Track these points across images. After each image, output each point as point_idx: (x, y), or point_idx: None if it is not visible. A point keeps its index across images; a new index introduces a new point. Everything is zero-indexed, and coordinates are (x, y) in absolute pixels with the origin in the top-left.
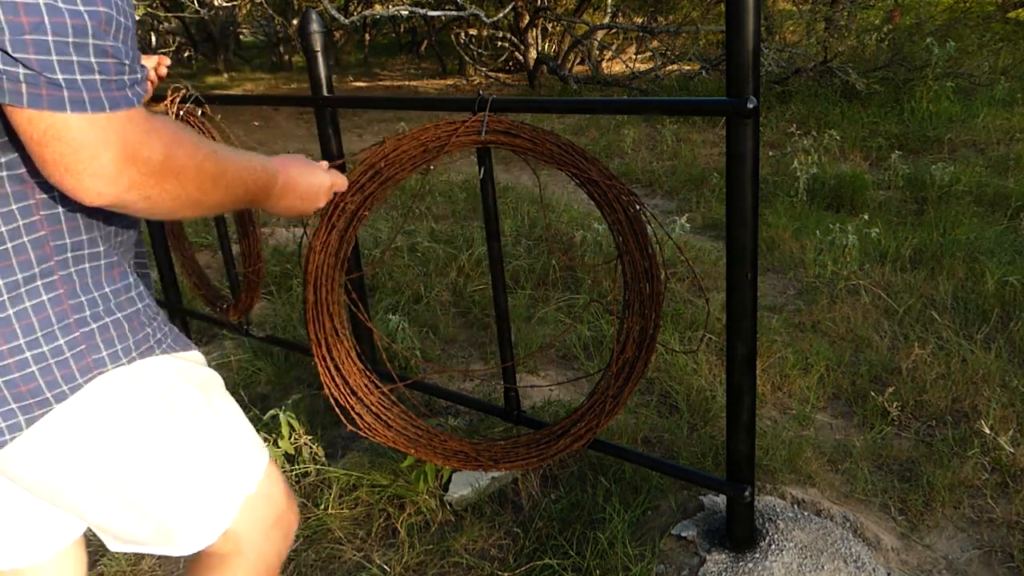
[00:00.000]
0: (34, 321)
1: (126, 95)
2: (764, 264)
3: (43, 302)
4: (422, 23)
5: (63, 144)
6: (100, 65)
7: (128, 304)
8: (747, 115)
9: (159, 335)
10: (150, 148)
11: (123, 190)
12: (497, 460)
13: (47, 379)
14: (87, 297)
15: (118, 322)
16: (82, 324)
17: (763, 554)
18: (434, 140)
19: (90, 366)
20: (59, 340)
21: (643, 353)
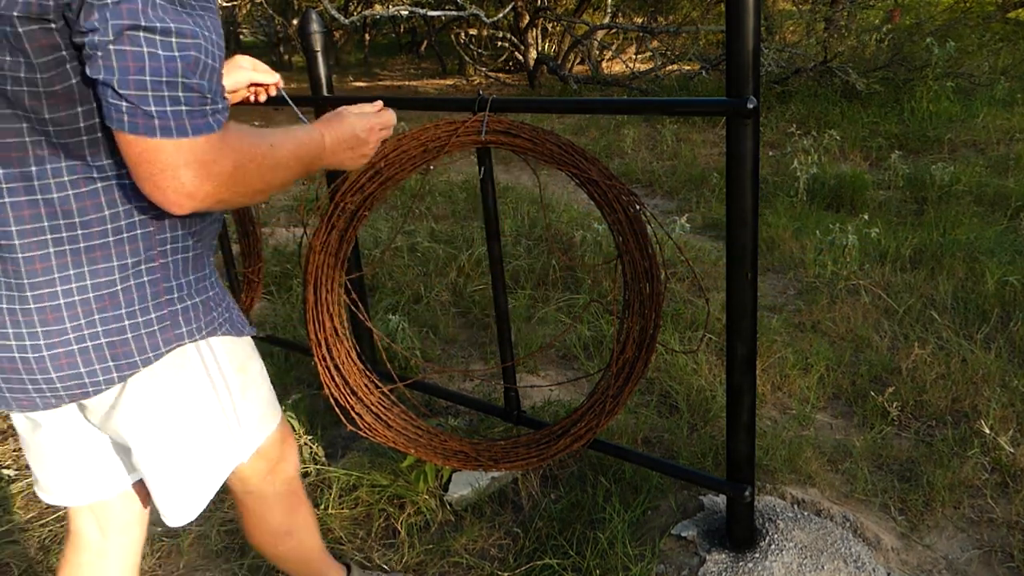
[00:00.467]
0: (135, 297)
1: (207, 122)
2: (764, 264)
3: (144, 283)
4: (422, 23)
5: (152, 164)
6: (186, 98)
7: (204, 290)
8: (747, 115)
9: (221, 320)
10: (221, 164)
11: (199, 201)
12: (497, 460)
13: (138, 345)
14: (176, 282)
15: (196, 305)
16: (170, 304)
17: (763, 554)
18: (434, 140)
19: (171, 339)
20: (151, 315)
21: (643, 353)
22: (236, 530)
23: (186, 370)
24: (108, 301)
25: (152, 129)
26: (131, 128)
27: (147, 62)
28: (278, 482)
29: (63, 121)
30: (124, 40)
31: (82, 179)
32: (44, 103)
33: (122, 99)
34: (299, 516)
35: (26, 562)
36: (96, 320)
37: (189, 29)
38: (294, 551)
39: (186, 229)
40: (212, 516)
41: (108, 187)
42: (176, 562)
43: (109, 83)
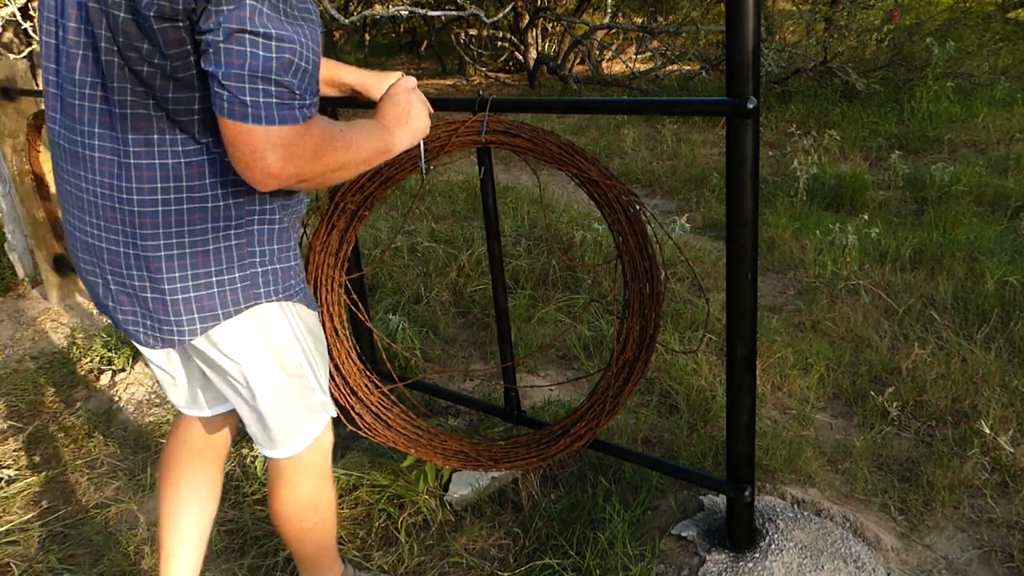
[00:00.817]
0: (223, 257)
1: (294, 114)
2: (764, 264)
3: (232, 246)
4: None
5: (244, 146)
6: (277, 92)
7: (286, 260)
8: (747, 115)
9: (298, 288)
10: (302, 149)
11: (282, 180)
12: (497, 460)
13: (222, 300)
14: (260, 248)
15: (276, 271)
16: (252, 267)
17: (763, 554)
18: (434, 140)
19: (251, 297)
20: (236, 274)
21: (643, 353)
22: (236, 530)
23: (269, 324)
24: (200, 259)
25: (246, 116)
26: (229, 114)
27: (248, 60)
28: (317, 453)
29: (182, 102)
30: (232, 40)
31: (192, 151)
32: (170, 85)
33: (224, 89)
34: (326, 492)
35: (26, 562)
36: (188, 275)
37: (288, 35)
38: (316, 530)
39: (274, 203)
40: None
41: (211, 160)
42: None
43: (216, 75)
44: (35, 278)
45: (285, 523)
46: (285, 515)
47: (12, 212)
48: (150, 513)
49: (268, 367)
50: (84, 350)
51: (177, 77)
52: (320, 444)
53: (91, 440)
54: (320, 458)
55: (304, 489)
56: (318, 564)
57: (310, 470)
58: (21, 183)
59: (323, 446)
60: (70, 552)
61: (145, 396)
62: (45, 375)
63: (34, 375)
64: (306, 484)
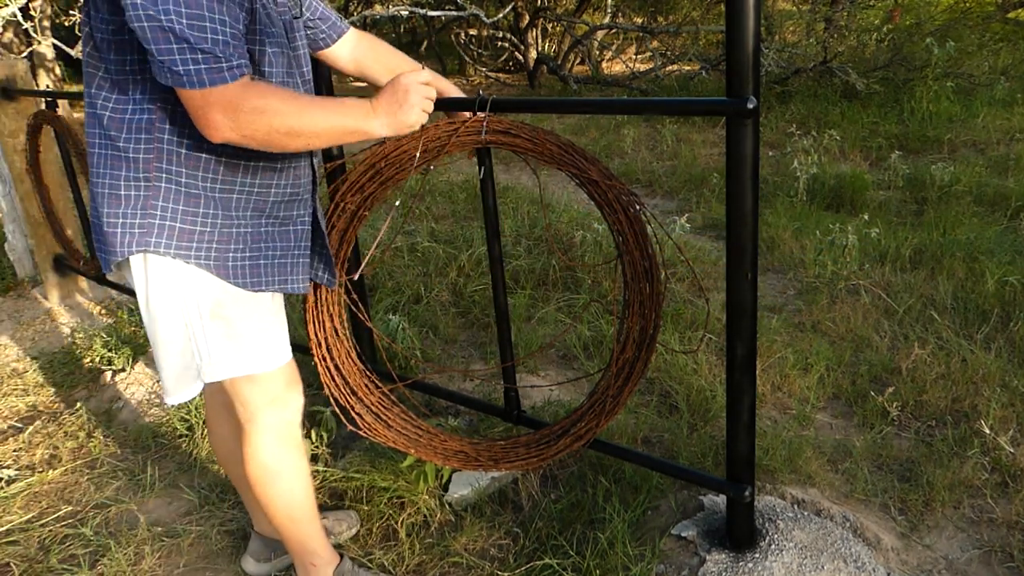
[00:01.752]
0: (132, 203)
1: (223, 76)
2: (764, 264)
3: (141, 196)
4: (422, 23)
5: (190, 106)
6: (204, 59)
7: (191, 224)
8: (747, 115)
9: (204, 254)
10: (241, 106)
11: (227, 135)
12: (497, 460)
13: (122, 240)
14: (163, 204)
15: (174, 229)
16: (152, 218)
17: (763, 554)
18: (434, 140)
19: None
20: (136, 220)
21: (643, 353)
22: (236, 530)
23: (152, 274)
24: (115, 200)
25: (181, 82)
26: (172, 82)
27: (172, 35)
28: (276, 418)
29: (117, 63)
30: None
31: (119, 108)
32: (112, 47)
33: (159, 61)
34: (290, 460)
35: (26, 562)
36: (107, 212)
37: (198, 12)
38: (285, 498)
39: (181, 167)
40: (212, 516)
41: (131, 117)
42: (176, 562)
43: (151, 51)
44: (35, 278)
45: (253, 487)
46: (251, 477)
47: (12, 212)
48: (150, 513)
49: (152, 312)
50: (84, 350)
51: (116, 39)
52: (280, 410)
53: (91, 440)
54: (279, 424)
55: (264, 450)
56: (297, 542)
57: (268, 433)
58: (21, 183)
59: (283, 415)
60: (70, 552)
61: (145, 396)
62: (45, 375)
63: (34, 375)
64: (266, 446)
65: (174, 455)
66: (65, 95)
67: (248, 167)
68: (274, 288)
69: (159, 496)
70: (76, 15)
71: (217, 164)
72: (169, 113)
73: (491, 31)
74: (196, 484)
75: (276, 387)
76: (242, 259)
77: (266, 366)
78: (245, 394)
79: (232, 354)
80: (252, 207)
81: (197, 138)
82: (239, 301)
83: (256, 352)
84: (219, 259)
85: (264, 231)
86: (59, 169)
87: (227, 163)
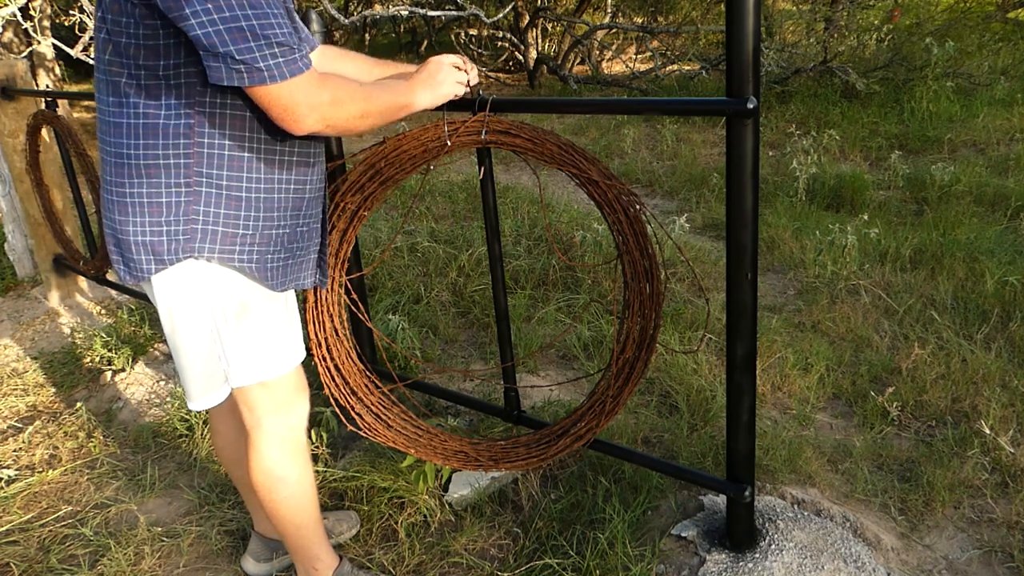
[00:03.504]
0: (173, 210)
1: (299, 66)
2: (764, 264)
3: (182, 202)
4: (422, 23)
5: (274, 105)
6: (281, 52)
7: (234, 227)
8: (747, 115)
9: (244, 257)
10: (321, 96)
11: (312, 126)
12: (497, 460)
13: (168, 248)
14: (205, 209)
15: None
16: (195, 223)
17: (763, 554)
18: (434, 140)
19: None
20: (180, 227)
21: (643, 353)
22: (236, 530)
23: (193, 280)
24: (154, 208)
25: (263, 79)
26: (250, 82)
27: (247, 32)
28: (283, 424)
29: (149, 68)
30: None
31: (152, 113)
32: (141, 52)
33: (241, 63)
34: (295, 467)
35: (26, 562)
36: (146, 221)
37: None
38: (288, 506)
39: (221, 171)
40: (212, 516)
41: (165, 123)
42: (176, 562)
43: (229, 54)
44: (35, 278)
45: (257, 492)
46: (256, 484)
47: (12, 212)
48: (150, 513)
49: (180, 319)
50: (84, 350)
51: (147, 44)
52: (287, 416)
53: (91, 440)
54: (285, 430)
55: (269, 457)
56: (300, 546)
57: (274, 439)
58: (21, 183)
59: (290, 419)
60: (70, 552)
61: (145, 396)
62: (45, 375)
63: (34, 375)
64: (271, 453)
65: (174, 455)
66: (65, 95)
67: (285, 163)
68: (296, 285)
69: (159, 496)
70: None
71: (258, 163)
72: (208, 116)
73: (491, 31)
74: (196, 484)
75: (285, 392)
76: (277, 260)
77: (282, 369)
78: (254, 399)
79: (257, 357)
80: (292, 206)
81: (237, 139)
82: (262, 302)
83: (278, 353)
84: (260, 261)
85: (298, 231)
86: (59, 169)
87: (267, 160)
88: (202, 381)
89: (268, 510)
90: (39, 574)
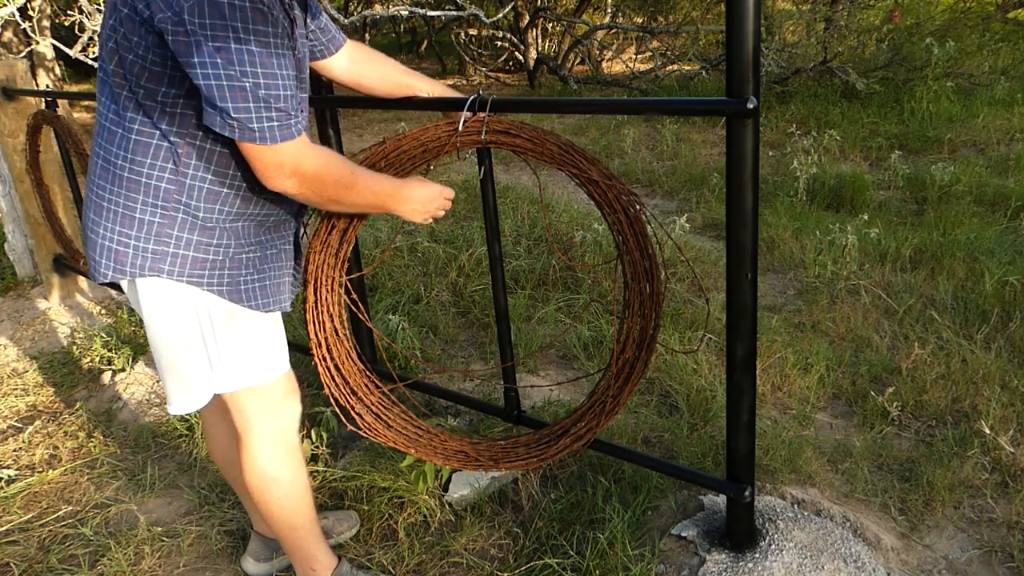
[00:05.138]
0: (144, 228)
1: (291, 132)
2: (764, 264)
3: (155, 223)
4: (422, 23)
5: (257, 161)
6: (278, 116)
7: (205, 252)
8: (747, 115)
9: (216, 280)
10: (311, 165)
11: (288, 188)
12: (497, 460)
13: (131, 261)
14: (177, 234)
15: (186, 258)
16: (165, 246)
17: (763, 554)
18: (434, 140)
19: (155, 270)
20: (149, 246)
21: (643, 353)
22: (236, 530)
23: (162, 296)
24: (127, 221)
25: (253, 138)
26: (240, 138)
27: (249, 93)
28: (274, 427)
29: (150, 91)
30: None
31: (145, 132)
32: (145, 74)
33: (234, 120)
34: (287, 468)
35: (26, 562)
36: (116, 230)
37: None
38: (281, 507)
39: (199, 203)
40: (212, 516)
41: (158, 146)
42: (176, 562)
43: (226, 110)
44: (35, 278)
45: (251, 494)
46: (250, 486)
47: (12, 212)
48: (150, 513)
49: (160, 326)
50: (84, 350)
51: (153, 69)
52: (277, 419)
53: (91, 440)
54: (276, 432)
55: (261, 459)
56: (297, 547)
57: (265, 441)
58: (21, 183)
59: (281, 423)
60: (70, 552)
61: (145, 396)
62: (45, 375)
63: (34, 375)
64: (263, 455)
65: (174, 455)
66: (65, 95)
67: (261, 201)
68: (280, 308)
69: (159, 496)
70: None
71: (235, 199)
72: (196, 149)
73: (491, 31)
74: (196, 484)
75: (275, 396)
76: (251, 282)
77: (270, 376)
78: (243, 404)
79: (242, 364)
80: (263, 232)
81: (220, 175)
82: (249, 313)
83: (262, 362)
84: (231, 284)
85: (268, 252)
86: (59, 169)
87: (244, 197)
88: (182, 385)
89: (263, 511)
90: (39, 574)
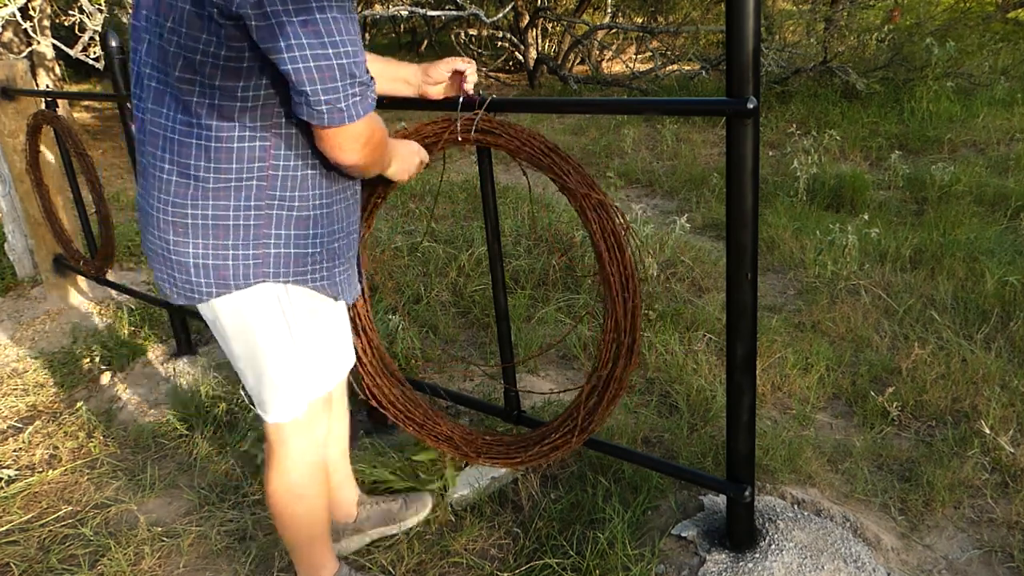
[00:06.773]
0: (241, 234)
1: (370, 104)
2: (764, 264)
3: (251, 225)
4: (422, 23)
5: (329, 142)
6: (360, 91)
7: (303, 247)
8: (747, 115)
9: (311, 274)
10: (376, 136)
11: (357, 159)
12: (480, 453)
13: (235, 272)
14: (276, 232)
15: (288, 255)
16: (266, 247)
17: (763, 554)
18: (429, 136)
19: (260, 275)
20: (250, 251)
21: (618, 371)
22: (236, 530)
23: (262, 302)
24: (221, 232)
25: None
26: (329, 122)
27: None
28: (308, 439)
29: (227, 89)
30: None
31: (225, 136)
32: (219, 72)
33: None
34: (314, 485)
35: (26, 562)
36: (210, 244)
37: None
38: (305, 520)
39: (294, 193)
40: (212, 516)
41: (240, 147)
42: (176, 562)
43: (312, 91)
44: (35, 278)
45: (274, 507)
46: (274, 499)
47: (12, 212)
48: (150, 513)
49: (252, 336)
50: (84, 350)
51: (228, 66)
52: (313, 433)
53: (91, 440)
54: (309, 445)
55: (294, 473)
56: (308, 557)
57: (299, 455)
58: (21, 183)
59: (316, 437)
60: (70, 552)
61: (145, 396)
62: (45, 375)
63: (34, 375)
64: (294, 471)
65: (174, 455)
66: (65, 95)
67: (336, 176)
68: (357, 292)
69: (159, 496)
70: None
71: (321, 179)
72: (284, 137)
73: (491, 31)
74: (196, 484)
75: (318, 408)
76: (343, 273)
77: (334, 380)
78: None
79: (324, 366)
80: (344, 217)
81: (304, 157)
82: (327, 310)
83: (329, 365)
84: (330, 278)
85: (351, 239)
86: (59, 169)
87: (326, 175)
88: (281, 392)
89: (281, 523)
90: (39, 574)
